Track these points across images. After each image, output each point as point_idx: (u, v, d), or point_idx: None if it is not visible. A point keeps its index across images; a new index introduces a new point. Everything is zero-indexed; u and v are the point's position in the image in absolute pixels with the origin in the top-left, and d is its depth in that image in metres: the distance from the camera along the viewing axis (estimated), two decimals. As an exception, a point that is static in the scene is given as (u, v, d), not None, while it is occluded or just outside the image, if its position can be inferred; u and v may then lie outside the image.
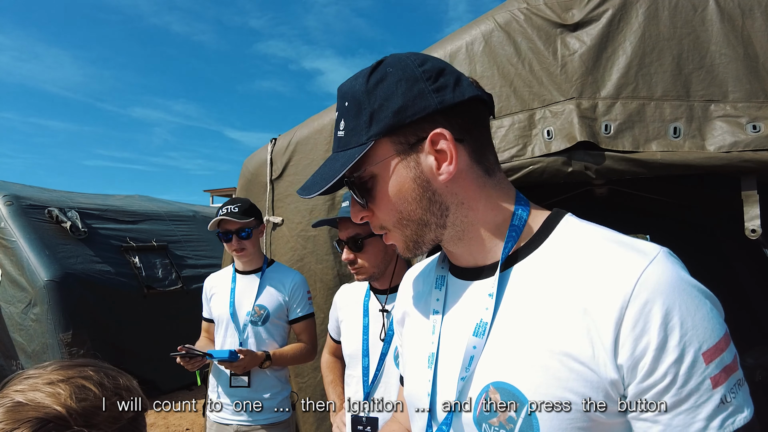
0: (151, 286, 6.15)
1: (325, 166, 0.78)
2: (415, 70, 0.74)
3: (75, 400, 0.80)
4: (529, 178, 2.10)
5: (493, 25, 2.34)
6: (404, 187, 0.74)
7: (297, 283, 2.48)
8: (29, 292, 5.17)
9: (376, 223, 0.80)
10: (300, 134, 3.09)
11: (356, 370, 1.83)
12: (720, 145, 1.88)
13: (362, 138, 0.73)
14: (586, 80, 2.12)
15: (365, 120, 0.73)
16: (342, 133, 0.76)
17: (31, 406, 0.78)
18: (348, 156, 0.74)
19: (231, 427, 2.38)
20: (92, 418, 0.81)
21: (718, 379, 0.61)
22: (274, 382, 2.41)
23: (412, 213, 0.75)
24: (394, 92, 0.72)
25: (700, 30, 2.00)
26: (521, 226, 0.76)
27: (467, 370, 0.73)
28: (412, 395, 0.85)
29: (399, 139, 0.73)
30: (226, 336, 2.44)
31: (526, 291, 0.71)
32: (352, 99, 0.75)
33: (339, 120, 0.78)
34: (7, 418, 0.76)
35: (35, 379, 0.84)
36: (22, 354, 5.30)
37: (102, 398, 0.84)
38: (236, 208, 2.38)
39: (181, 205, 8.44)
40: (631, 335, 0.61)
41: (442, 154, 0.73)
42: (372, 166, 0.75)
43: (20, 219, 5.40)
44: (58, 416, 0.77)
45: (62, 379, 0.83)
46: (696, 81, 1.98)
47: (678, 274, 0.63)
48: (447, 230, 0.77)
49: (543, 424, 0.65)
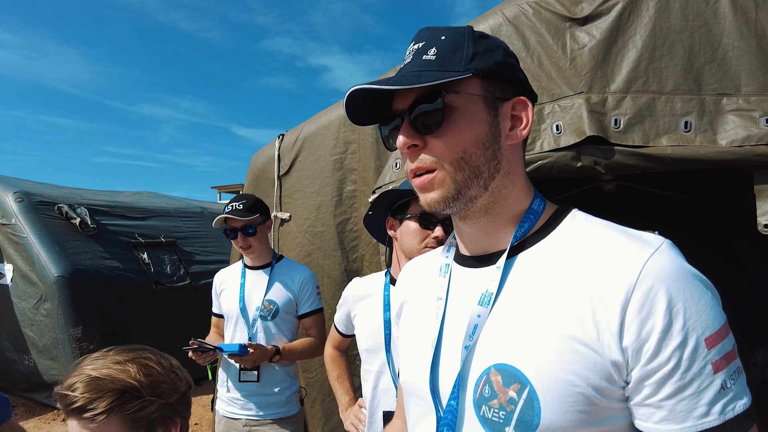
0: (159, 282, 6.19)
1: (405, 77, 0.74)
2: (506, 46, 0.81)
3: (142, 375, 1.01)
4: (538, 173, 2.09)
5: (501, 19, 2.32)
6: (480, 129, 0.75)
7: (306, 278, 2.49)
8: (40, 287, 5.22)
9: (428, 155, 0.75)
10: (307, 130, 3.09)
11: (374, 364, 1.80)
12: (732, 140, 1.86)
13: (461, 66, 0.74)
14: (596, 74, 2.10)
15: (467, 55, 0.74)
16: (433, 57, 0.75)
17: (108, 380, 0.97)
18: (441, 75, 0.72)
19: (240, 422, 2.39)
20: (158, 388, 1.03)
21: (719, 365, 0.62)
22: (283, 376, 2.42)
23: (474, 157, 0.74)
24: (495, 50, 0.78)
25: (712, 22, 1.97)
26: (539, 214, 0.79)
27: (471, 339, 0.74)
28: (409, 381, 0.85)
29: (490, 87, 0.76)
30: (236, 331, 2.46)
31: (532, 275, 0.73)
32: (453, 36, 0.76)
33: (426, 48, 0.76)
34: (88, 390, 0.95)
35: (102, 360, 1.02)
36: (33, 349, 5.36)
37: (163, 373, 1.06)
38: (241, 205, 2.39)
39: (189, 201, 8.48)
40: (637, 318, 0.63)
41: (516, 120, 0.78)
42: (461, 93, 0.74)
43: (31, 215, 5.45)
44: (132, 387, 0.98)
45: (128, 359, 1.03)
46: (708, 74, 1.96)
47: (681, 263, 0.66)
48: (485, 195, 0.77)
49: (544, 405, 0.66)
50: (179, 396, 1.08)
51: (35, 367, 5.37)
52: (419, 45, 0.77)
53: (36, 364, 5.36)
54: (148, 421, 1.00)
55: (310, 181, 3.06)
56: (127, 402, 0.97)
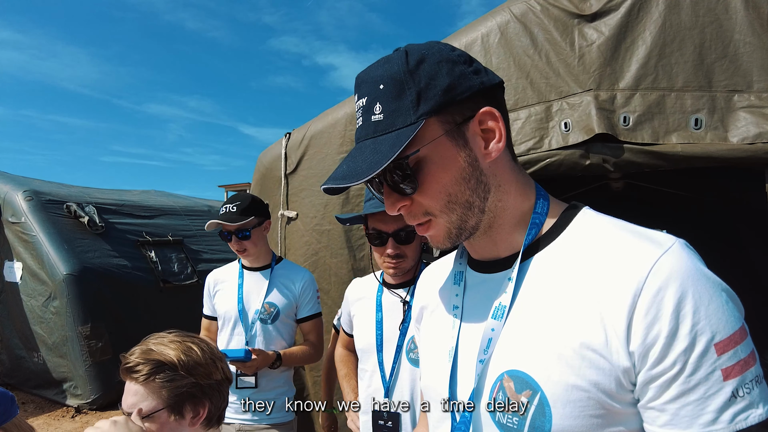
0: (167, 280, 6.23)
1: (363, 153, 0.72)
2: (449, 53, 0.73)
3: (183, 355, 1.24)
4: (547, 171, 2.08)
5: (509, 16, 2.31)
6: (455, 167, 0.72)
7: (307, 282, 2.44)
8: (49, 285, 5.27)
9: (417, 210, 0.75)
10: (314, 128, 3.09)
11: (368, 364, 1.82)
12: (744, 137, 1.84)
13: (410, 118, 0.70)
14: (605, 71, 2.09)
15: (412, 100, 0.70)
16: (380, 116, 0.72)
17: (157, 352, 1.23)
18: (395, 137, 0.69)
19: (233, 426, 2.34)
20: (193, 369, 1.24)
21: (730, 372, 0.59)
22: (280, 382, 2.38)
23: (460, 194, 0.73)
24: (438, 72, 0.71)
25: (723, 18, 1.95)
26: (544, 215, 0.77)
27: (485, 353, 0.74)
28: (430, 387, 0.86)
29: (447, 118, 0.71)
30: (233, 334, 2.39)
31: (543, 281, 0.72)
32: (391, 80, 0.71)
33: (371, 105, 0.73)
34: (140, 356, 1.22)
35: (162, 338, 1.29)
36: (43, 346, 5.41)
37: (202, 359, 1.27)
38: (234, 207, 2.32)
39: (196, 200, 8.52)
40: (643, 322, 0.61)
41: (488, 132, 0.74)
42: (421, 148, 0.71)
43: (40, 214, 5.50)
44: (171, 362, 1.22)
45: (178, 341, 1.27)
46: (719, 71, 1.93)
47: (694, 264, 0.63)
48: (485, 217, 0.76)
49: (555, 411, 0.65)
50: (212, 382, 1.28)
51: (44, 364, 5.42)
52: (363, 101, 0.74)
53: (45, 361, 5.41)
54: (177, 393, 1.21)
55: (316, 180, 3.06)
56: (162, 372, 1.20)
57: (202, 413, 1.26)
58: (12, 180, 5.95)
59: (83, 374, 5.18)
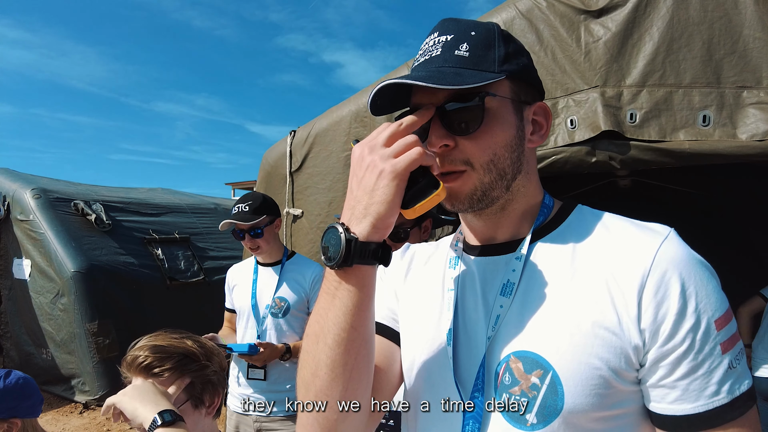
0: (173, 277, 6.26)
1: (443, 73, 0.72)
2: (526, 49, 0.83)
3: (197, 346, 1.22)
4: (553, 168, 2.06)
5: (514, 12, 2.29)
6: (509, 132, 0.75)
7: (318, 275, 2.48)
8: (57, 282, 5.31)
9: (458, 156, 0.74)
10: (319, 126, 3.09)
11: None
12: (753, 134, 1.81)
13: (494, 68, 0.73)
14: (611, 68, 2.07)
15: (499, 56, 0.74)
16: (466, 54, 0.73)
17: (170, 348, 1.18)
18: (478, 75, 0.71)
19: (250, 418, 2.41)
20: (209, 357, 1.23)
21: (727, 346, 0.66)
22: (292, 374, 2.42)
23: (502, 159, 0.75)
24: (521, 53, 0.79)
25: (732, 13, 1.92)
26: (551, 208, 0.82)
27: (493, 329, 0.75)
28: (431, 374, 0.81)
29: (517, 89, 0.77)
30: (247, 327, 2.47)
31: (548, 264, 0.75)
32: (484, 32, 0.75)
33: (457, 42, 0.74)
34: (154, 355, 1.14)
35: (156, 338, 1.21)
36: (51, 343, 5.46)
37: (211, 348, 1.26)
38: (247, 207, 2.40)
39: (203, 197, 8.55)
40: (653, 301, 0.66)
41: (535, 124, 0.80)
42: (494, 98, 0.73)
43: (48, 212, 5.54)
44: (192, 353, 1.20)
45: (182, 336, 1.24)
46: (728, 67, 1.91)
47: (689, 250, 0.70)
48: (506, 194, 0.78)
49: (568, 390, 0.67)
50: (221, 375, 1.28)
51: (53, 360, 5.47)
52: (447, 38, 0.75)
53: (54, 357, 5.46)
54: (203, 381, 1.20)
55: (321, 177, 3.06)
56: (188, 364, 1.18)
57: (217, 401, 1.26)
58: (20, 178, 6.00)
59: (91, 370, 5.22)
